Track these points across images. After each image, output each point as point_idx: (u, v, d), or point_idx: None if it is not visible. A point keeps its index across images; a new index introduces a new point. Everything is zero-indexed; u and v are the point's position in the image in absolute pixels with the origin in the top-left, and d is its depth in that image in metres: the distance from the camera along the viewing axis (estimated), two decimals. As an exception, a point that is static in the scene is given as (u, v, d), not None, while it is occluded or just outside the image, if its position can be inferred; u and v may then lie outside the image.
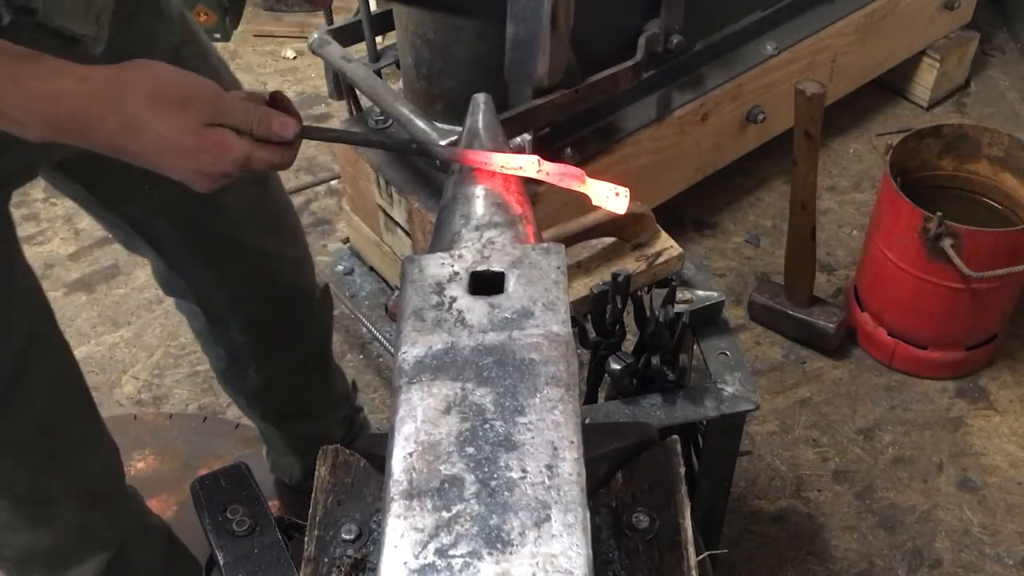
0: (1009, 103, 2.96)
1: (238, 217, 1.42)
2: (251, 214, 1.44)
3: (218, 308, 1.56)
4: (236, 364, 1.68)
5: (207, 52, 1.34)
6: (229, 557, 1.07)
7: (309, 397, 1.80)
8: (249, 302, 1.56)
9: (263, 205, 1.46)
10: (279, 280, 1.56)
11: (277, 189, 1.52)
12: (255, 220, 1.45)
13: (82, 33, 1.05)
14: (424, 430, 0.77)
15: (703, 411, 1.41)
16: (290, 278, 1.59)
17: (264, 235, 1.47)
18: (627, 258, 1.56)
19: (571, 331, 0.85)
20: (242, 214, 1.42)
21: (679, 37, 2.07)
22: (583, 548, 0.69)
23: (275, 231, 1.50)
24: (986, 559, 1.94)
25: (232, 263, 1.48)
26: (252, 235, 1.45)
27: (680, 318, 1.37)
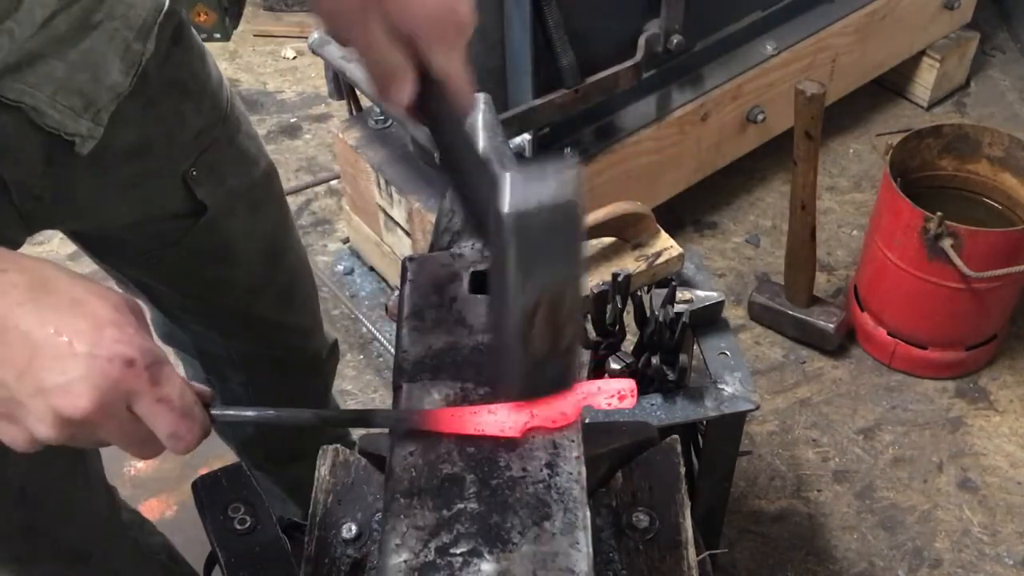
0: (1009, 103, 2.97)
1: (246, 293, 1.36)
2: (261, 289, 1.38)
3: (218, 363, 1.51)
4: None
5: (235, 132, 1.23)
6: (230, 556, 1.07)
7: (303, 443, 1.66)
8: (252, 362, 1.50)
9: (274, 279, 1.40)
10: (286, 345, 1.51)
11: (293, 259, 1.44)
12: (265, 293, 1.39)
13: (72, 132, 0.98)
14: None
15: (703, 411, 1.41)
16: (298, 343, 1.54)
17: (274, 306, 1.42)
18: (627, 258, 1.56)
19: (571, 331, 0.85)
20: (250, 289, 1.36)
21: (679, 37, 2.07)
22: (583, 547, 0.69)
23: (286, 302, 1.44)
24: (986, 559, 1.94)
25: (237, 328, 1.42)
26: (261, 307, 1.40)
27: (680, 318, 1.37)
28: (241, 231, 1.28)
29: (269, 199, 1.34)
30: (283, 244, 1.40)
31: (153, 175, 1.13)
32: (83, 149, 1.00)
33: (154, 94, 1.07)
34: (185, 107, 1.14)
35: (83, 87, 0.96)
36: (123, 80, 1.01)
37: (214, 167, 1.19)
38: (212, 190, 1.20)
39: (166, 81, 1.09)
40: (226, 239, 1.26)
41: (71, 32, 0.92)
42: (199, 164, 1.17)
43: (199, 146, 1.17)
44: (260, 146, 1.31)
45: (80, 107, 0.97)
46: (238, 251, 1.29)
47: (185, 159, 1.16)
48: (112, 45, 0.97)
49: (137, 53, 1.01)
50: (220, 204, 1.21)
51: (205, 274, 1.29)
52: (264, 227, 1.33)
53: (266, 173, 1.32)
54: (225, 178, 1.22)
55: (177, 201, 1.18)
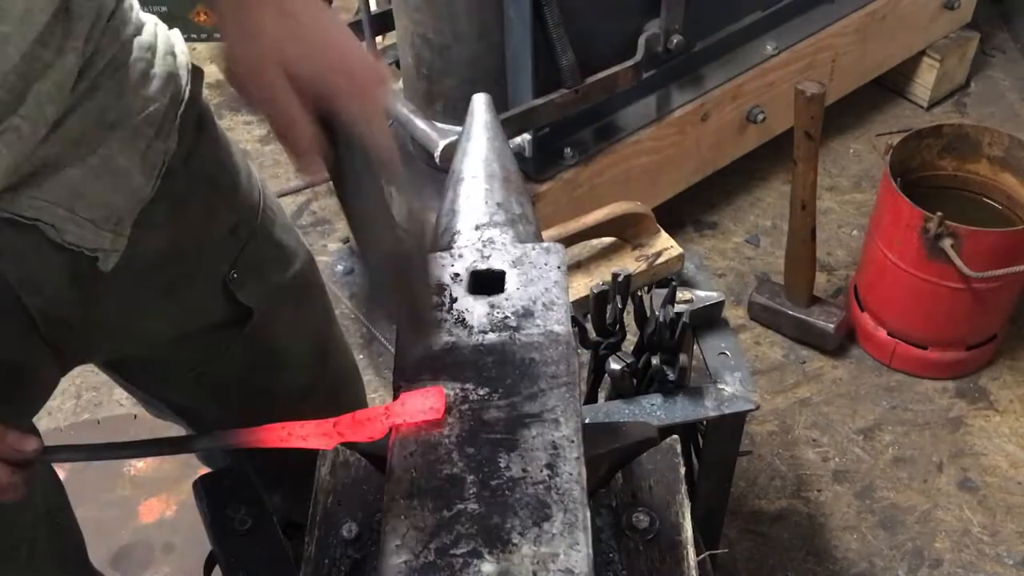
0: (1009, 103, 2.96)
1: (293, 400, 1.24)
2: (309, 392, 1.26)
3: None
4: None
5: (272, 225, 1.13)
6: (230, 556, 1.07)
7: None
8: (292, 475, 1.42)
9: (322, 381, 1.28)
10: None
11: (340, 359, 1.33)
12: (311, 398, 1.27)
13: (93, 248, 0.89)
14: (424, 429, 0.77)
15: (703, 411, 1.41)
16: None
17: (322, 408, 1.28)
18: (627, 258, 1.56)
19: (571, 331, 0.85)
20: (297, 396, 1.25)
21: (679, 37, 2.07)
22: (583, 547, 0.69)
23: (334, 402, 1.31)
24: (986, 559, 1.94)
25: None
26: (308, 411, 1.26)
27: (680, 318, 1.37)
28: (287, 332, 1.18)
29: (312, 293, 1.24)
30: (329, 340, 1.30)
31: (189, 282, 1.04)
32: (106, 265, 0.91)
33: (181, 193, 0.97)
34: (216, 203, 1.04)
35: (103, 196, 0.87)
36: (146, 184, 0.92)
37: (255, 266, 1.09)
38: (255, 292, 1.10)
39: (193, 177, 0.99)
40: (272, 343, 1.17)
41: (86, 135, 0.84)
42: (238, 265, 1.07)
43: (236, 244, 1.07)
44: (298, 236, 1.21)
45: (100, 219, 0.88)
46: (285, 354, 1.20)
47: (223, 260, 1.06)
48: (132, 147, 0.89)
49: (159, 152, 0.93)
50: (264, 306, 1.12)
51: (251, 385, 1.19)
52: (309, 323, 1.24)
53: (307, 264, 1.21)
54: (268, 277, 1.12)
55: (219, 309, 1.09)
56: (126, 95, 0.87)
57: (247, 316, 1.11)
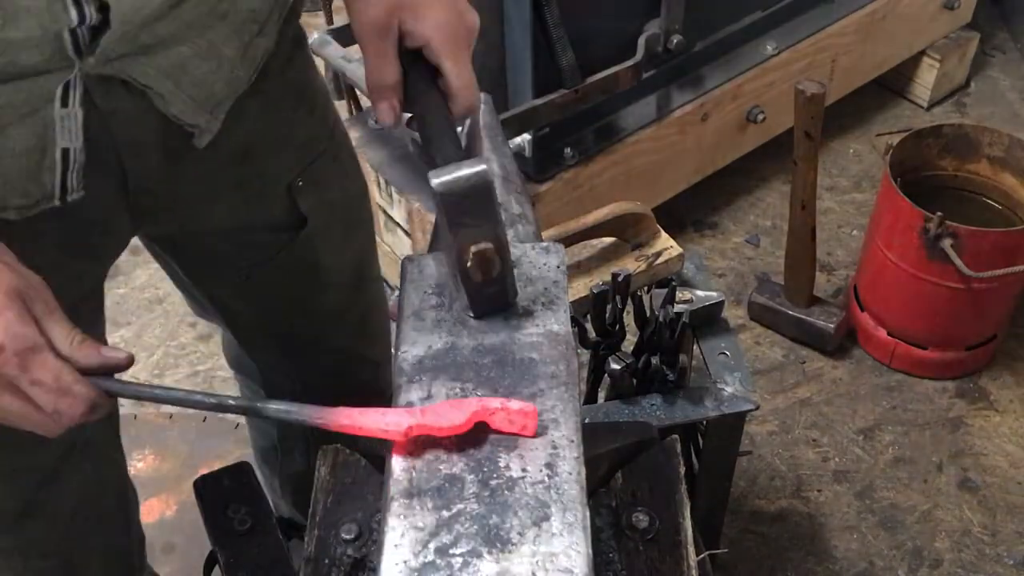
0: (1009, 103, 2.96)
1: (327, 319, 1.33)
2: (342, 316, 1.34)
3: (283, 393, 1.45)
4: (284, 445, 1.57)
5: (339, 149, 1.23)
6: (229, 556, 1.07)
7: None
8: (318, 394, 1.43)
9: (355, 307, 1.36)
10: (356, 378, 1.46)
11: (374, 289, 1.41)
12: (343, 320, 1.35)
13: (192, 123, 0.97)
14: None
15: (703, 411, 1.41)
16: (368, 377, 1.47)
17: (349, 335, 1.38)
18: (627, 258, 1.56)
19: (571, 331, 0.85)
20: (332, 315, 1.33)
21: (679, 37, 2.07)
22: (583, 547, 0.69)
23: (362, 332, 1.40)
24: (986, 559, 1.94)
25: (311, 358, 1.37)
26: (338, 335, 1.36)
27: (680, 318, 1.37)
28: (333, 251, 1.25)
29: (361, 221, 1.33)
30: (368, 271, 1.37)
31: (260, 179, 1.12)
32: (200, 141, 0.99)
33: (271, 95, 1.06)
34: (299, 114, 1.13)
35: (206, 78, 0.94)
36: (245, 75, 1.00)
37: (319, 180, 1.17)
38: (315, 203, 1.17)
39: (285, 84, 1.08)
40: (318, 258, 1.23)
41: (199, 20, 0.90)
42: (305, 175, 1.15)
43: (307, 156, 1.15)
44: (359, 167, 1.30)
45: (202, 98, 0.95)
46: (328, 272, 1.26)
47: (292, 168, 1.14)
48: (238, 38, 0.96)
49: (260, 49, 1.00)
50: (320, 219, 1.19)
51: (292, 295, 1.26)
52: (354, 250, 1.31)
53: (363, 193, 1.30)
54: (327, 192, 1.20)
55: (280, 211, 1.16)
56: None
57: (302, 224, 1.18)
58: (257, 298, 1.26)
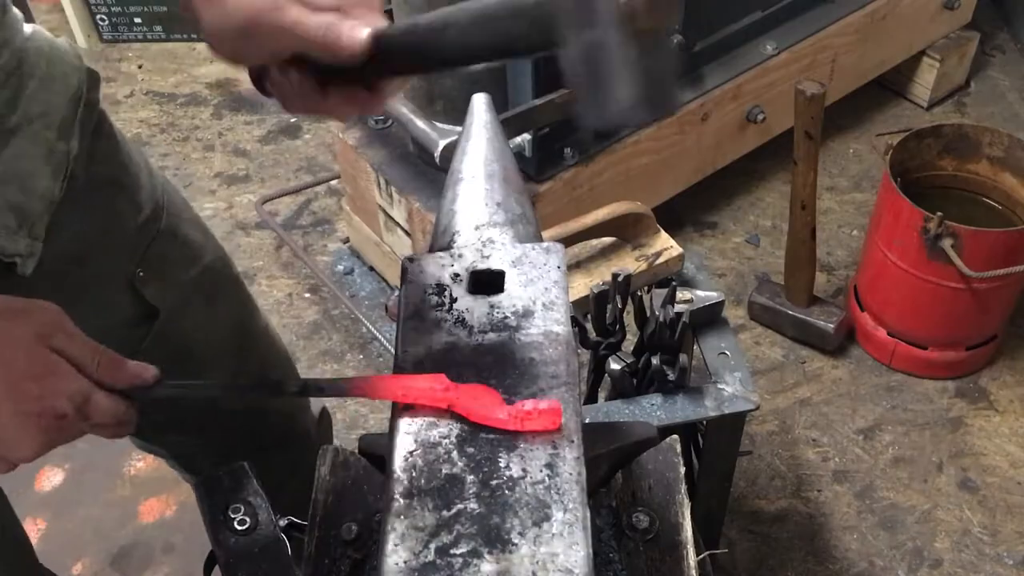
0: (1009, 103, 2.96)
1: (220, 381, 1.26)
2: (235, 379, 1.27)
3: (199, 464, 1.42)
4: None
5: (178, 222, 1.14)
6: (229, 556, 1.07)
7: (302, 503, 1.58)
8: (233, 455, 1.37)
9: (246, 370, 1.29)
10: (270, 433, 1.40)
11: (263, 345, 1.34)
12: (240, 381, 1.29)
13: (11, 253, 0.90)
14: (424, 429, 0.77)
15: (703, 411, 1.41)
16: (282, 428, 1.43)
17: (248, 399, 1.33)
18: (627, 258, 1.56)
19: (571, 331, 0.85)
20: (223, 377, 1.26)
21: (679, 37, 2.07)
22: (583, 547, 0.69)
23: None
24: (986, 559, 1.94)
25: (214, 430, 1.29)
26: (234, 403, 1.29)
27: (680, 318, 1.37)
28: (201, 328, 1.20)
29: (225, 287, 1.26)
30: (249, 331, 1.31)
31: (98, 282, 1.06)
32: (26, 269, 0.92)
33: (86, 195, 1.00)
34: (120, 203, 1.06)
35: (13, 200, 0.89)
36: (53, 186, 0.94)
37: (161, 264, 1.12)
38: (161, 290, 1.12)
39: (96, 179, 1.02)
40: (186, 340, 1.17)
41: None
42: (144, 263, 1.10)
43: (142, 242, 1.09)
44: (206, 231, 1.23)
45: (14, 224, 0.89)
46: (202, 350, 1.20)
47: (129, 259, 1.08)
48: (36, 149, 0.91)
49: (63, 154, 0.94)
50: (173, 303, 1.14)
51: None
52: (225, 317, 1.25)
53: (217, 259, 1.23)
54: (174, 274, 1.14)
55: (126, 308, 1.10)
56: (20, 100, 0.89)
57: (155, 314, 1.12)
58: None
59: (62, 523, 2.01)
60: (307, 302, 2.45)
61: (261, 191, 2.72)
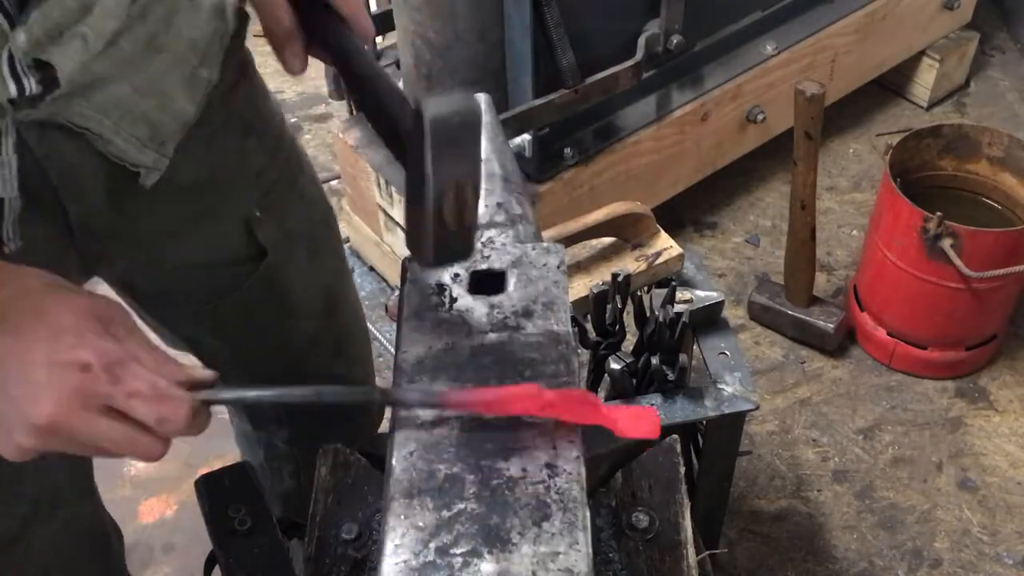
0: (1009, 103, 2.97)
1: (301, 346, 1.29)
2: (315, 341, 1.30)
3: (266, 419, 1.45)
4: (271, 466, 1.54)
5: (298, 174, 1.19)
6: (229, 556, 1.07)
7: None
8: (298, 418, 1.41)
9: (329, 331, 1.32)
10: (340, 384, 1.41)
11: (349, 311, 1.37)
12: (319, 346, 1.31)
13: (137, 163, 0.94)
14: (424, 430, 0.77)
15: (703, 411, 1.41)
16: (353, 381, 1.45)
17: (327, 360, 1.34)
18: (627, 258, 1.56)
19: (571, 331, 0.85)
20: (306, 342, 1.29)
21: (679, 37, 2.07)
22: (583, 547, 0.69)
23: (339, 355, 1.36)
24: (986, 559, 1.94)
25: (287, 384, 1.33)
26: (313, 360, 1.32)
27: (680, 318, 1.37)
28: (300, 279, 1.22)
29: (328, 245, 1.29)
30: (340, 294, 1.34)
31: (215, 214, 1.09)
32: (148, 181, 0.95)
33: (219, 128, 1.03)
34: (248, 144, 1.10)
35: (149, 115, 0.92)
36: (190, 108, 0.97)
37: (276, 209, 1.15)
38: (273, 233, 1.15)
39: (231, 115, 1.05)
40: (285, 288, 1.20)
41: (137, 55, 0.88)
42: (261, 205, 1.12)
43: (261, 186, 1.12)
44: (321, 190, 1.27)
45: (146, 136, 0.93)
46: (296, 301, 1.23)
47: (247, 199, 1.11)
48: (178, 71, 0.94)
49: (203, 81, 0.98)
50: (281, 249, 1.16)
51: (261, 326, 1.22)
52: (322, 275, 1.28)
53: (326, 217, 1.28)
54: (286, 221, 1.17)
55: (238, 244, 1.13)
56: (174, 22, 0.92)
57: (263, 255, 1.15)
58: (224, 332, 1.22)
59: (62, 523, 2.01)
60: (307, 302, 2.45)
61: (261, 191, 2.71)
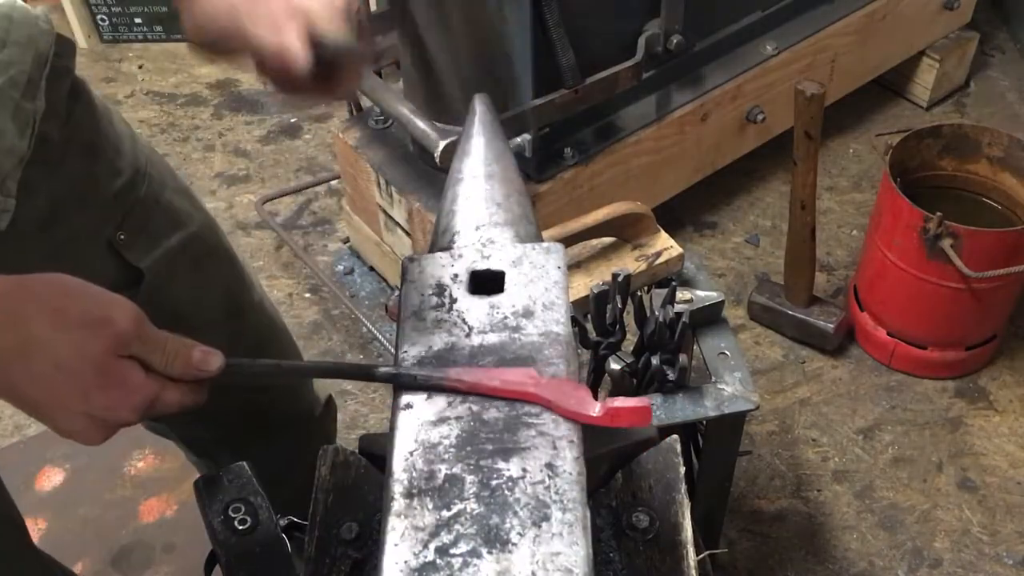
0: (1009, 103, 2.97)
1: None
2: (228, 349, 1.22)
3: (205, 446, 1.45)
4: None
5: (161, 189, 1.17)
6: (230, 556, 1.07)
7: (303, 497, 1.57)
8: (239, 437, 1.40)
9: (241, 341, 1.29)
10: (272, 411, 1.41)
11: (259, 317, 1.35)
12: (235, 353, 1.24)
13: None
14: (424, 430, 0.77)
15: (703, 411, 1.41)
16: (283, 406, 1.43)
17: None
18: (627, 258, 1.56)
19: (571, 331, 0.85)
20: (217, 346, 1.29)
21: (679, 37, 2.07)
22: (583, 547, 0.69)
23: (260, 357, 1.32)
24: (986, 559, 1.94)
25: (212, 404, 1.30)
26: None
27: (680, 318, 1.37)
28: (188, 294, 1.21)
29: (214, 255, 1.27)
30: (243, 301, 1.32)
31: (74, 243, 1.07)
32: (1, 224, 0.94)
33: (59, 157, 1.02)
34: (98, 168, 1.08)
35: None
36: (21, 143, 0.95)
37: (143, 229, 1.13)
38: (144, 253, 1.14)
39: (71, 143, 1.04)
40: (174, 306, 1.18)
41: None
42: (125, 227, 1.11)
43: (121, 207, 1.11)
44: (194, 200, 1.25)
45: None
46: (191, 317, 1.19)
47: (107, 223, 1.10)
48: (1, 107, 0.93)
49: (28, 112, 0.96)
50: (157, 268, 1.15)
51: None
52: (215, 285, 1.26)
53: (205, 227, 1.25)
54: (157, 239, 1.16)
55: (109, 270, 1.12)
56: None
57: (140, 278, 1.14)
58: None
59: (62, 523, 2.01)
60: (307, 302, 2.45)
61: (261, 191, 2.72)
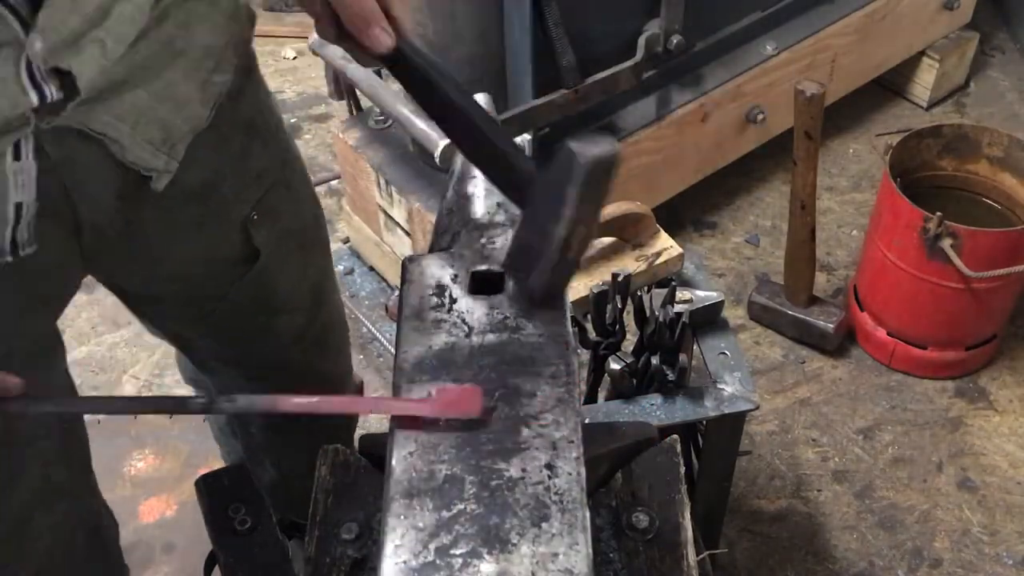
0: (1009, 103, 2.97)
1: (285, 341, 1.30)
2: (300, 336, 1.32)
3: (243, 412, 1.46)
4: (252, 459, 1.55)
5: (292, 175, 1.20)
6: (230, 556, 1.07)
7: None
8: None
9: (313, 326, 1.34)
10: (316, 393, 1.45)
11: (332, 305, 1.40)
12: (303, 340, 1.33)
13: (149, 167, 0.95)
14: (424, 429, 0.77)
15: (703, 411, 1.41)
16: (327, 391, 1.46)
17: (309, 353, 1.36)
18: (627, 258, 1.56)
19: (571, 331, 0.85)
20: (290, 338, 1.31)
21: (679, 37, 2.07)
22: (583, 547, 0.69)
23: (321, 348, 1.38)
24: (986, 559, 1.94)
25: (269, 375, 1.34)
26: (296, 354, 1.34)
27: (680, 318, 1.37)
28: (290, 278, 1.24)
29: (317, 243, 1.31)
30: (325, 290, 1.36)
31: (218, 216, 1.10)
32: (158, 185, 0.97)
33: (225, 131, 1.04)
34: (253, 146, 1.10)
35: (164, 119, 0.93)
36: (202, 113, 0.98)
37: (272, 211, 1.15)
38: (268, 235, 1.16)
39: (237, 118, 1.06)
40: (275, 287, 1.22)
41: (154, 60, 0.89)
42: (260, 207, 1.13)
43: (260, 188, 1.13)
44: (312, 189, 1.28)
45: (159, 140, 0.94)
46: (285, 298, 1.25)
47: (247, 201, 1.12)
48: (194, 76, 0.95)
49: (217, 85, 0.99)
50: (274, 250, 1.17)
51: (249, 323, 1.24)
52: (311, 273, 1.30)
53: (317, 218, 1.29)
54: (280, 222, 1.18)
55: (235, 247, 1.14)
56: (192, 27, 0.92)
57: (256, 256, 1.16)
58: (212, 330, 1.24)
59: (62, 523, 2.01)
60: (307, 302, 2.45)
61: (261, 191, 2.71)
